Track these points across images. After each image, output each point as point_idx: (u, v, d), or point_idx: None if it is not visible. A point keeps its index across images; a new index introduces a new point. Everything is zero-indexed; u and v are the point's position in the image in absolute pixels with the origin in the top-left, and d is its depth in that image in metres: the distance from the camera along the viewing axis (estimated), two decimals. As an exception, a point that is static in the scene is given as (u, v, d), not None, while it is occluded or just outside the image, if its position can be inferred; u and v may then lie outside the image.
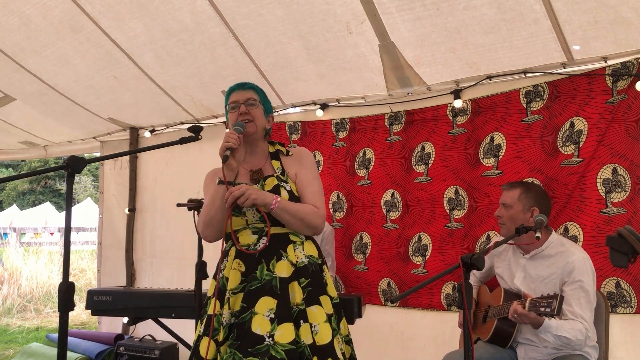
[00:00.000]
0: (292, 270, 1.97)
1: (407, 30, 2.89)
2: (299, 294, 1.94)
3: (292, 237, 2.03)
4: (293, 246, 2.02)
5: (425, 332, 3.37)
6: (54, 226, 17.51)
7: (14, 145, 5.92)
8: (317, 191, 2.10)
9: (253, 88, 2.15)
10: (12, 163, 26.55)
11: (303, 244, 2.05)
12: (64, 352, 1.58)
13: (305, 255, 2.02)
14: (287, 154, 2.16)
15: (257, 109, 2.11)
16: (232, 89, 2.15)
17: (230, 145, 1.92)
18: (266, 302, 1.90)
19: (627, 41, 2.62)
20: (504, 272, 2.62)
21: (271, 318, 1.88)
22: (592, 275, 2.35)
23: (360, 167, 3.71)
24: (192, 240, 2.89)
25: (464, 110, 3.29)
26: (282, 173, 2.09)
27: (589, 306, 2.30)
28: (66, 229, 1.66)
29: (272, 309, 1.89)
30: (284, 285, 1.93)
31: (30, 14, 3.27)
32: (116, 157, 4.49)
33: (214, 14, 3.08)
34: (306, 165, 2.13)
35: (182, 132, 4.35)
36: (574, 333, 2.22)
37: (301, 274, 1.98)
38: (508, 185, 2.58)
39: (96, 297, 3.45)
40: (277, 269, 1.95)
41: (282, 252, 1.98)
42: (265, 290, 1.92)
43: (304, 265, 2.00)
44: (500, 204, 2.55)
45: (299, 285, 1.96)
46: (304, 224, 2.01)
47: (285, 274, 1.95)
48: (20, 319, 7.38)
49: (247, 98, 2.10)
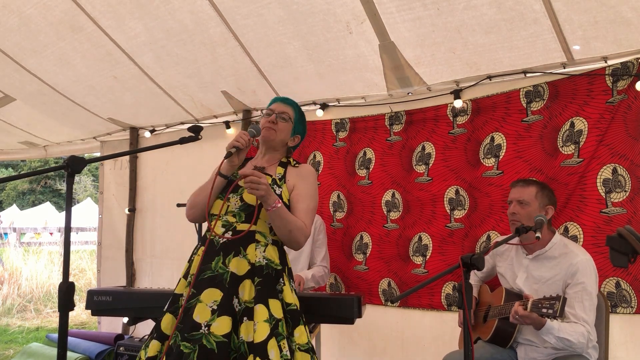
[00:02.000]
0: (248, 269, 2.00)
1: (407, 30, 2.89)
2: (249, 291, 1.98)
3: (258, 237, 2.06)
4: (255, 245, 2.05)
5: (425, 332, 3.37)
6: (54, 226, 17.51)
7: (14, 145, 5.92)
8: (310, 209, 2.15)
9: (292, 105, 2.30)
10: (12, 163, 26.52)
11: (266, 247, 2.07)
12: (64, 352, 1.58)
13: (265, 257, 2.04)
14: (294, 166, 2.24)
15: (286, 124, 2.23)
16: (276, 99, 2.32)
17: (237, 145, 2.03)
18: (212, 293, 1.96)
19: (627, 41, 2.62)
20: (506, 271, 2.61)
21: (213, 309, 1.93)
22: (595, 278, 2.34)
23: (361, 167, 3.71)
24: (192, 240, 2.89)
25: (464, 110, 3.29)
26: (280, 178, 2.15)
27: (591, 308, 2.29)
28: (66, 229, 1.66)
29: (217, 300, 1.94)
30: (234, 281, 1.98)
31: (30, 14, 3.27)
32: (116, 157, 4.49)
33: (214, 14, 3.08)
34: (307, 181, 2.20)
35: (182, 132, 4.35)
36: (576, 336, 2.21)
37: (256, 273, 2.01)
38: (522, 182, 2.53)
39: (96, 297, 3.45)
40: (231, 264, 2.00)
41: (241, 249, 2.02)
42: (215, 282, 1.97)
43: (261, 266, 2.02)
44: (515, 201, 2.48)
45: (251, 283, 1.99)
46: (290, 236, 2.07)
47: (238, 271, 1.99)
48: (20, 319, 7.38)
49: (283, 111, 2.24)
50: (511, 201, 2.51)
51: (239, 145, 2.03)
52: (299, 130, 2.31)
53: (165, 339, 1.98)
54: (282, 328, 1.97)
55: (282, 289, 2.06)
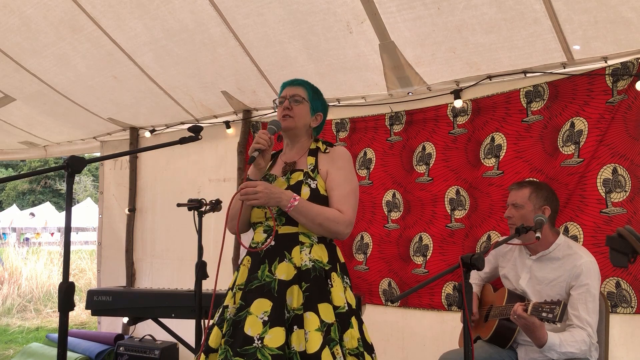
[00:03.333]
0: (294, 274, 1.92)
1: (407, 29, 2.89)
2: (297, 298, 1.89)
3: (302, 238, 1.97)
4: (300, 248, 1.95)
5: (425, 332, 3.37)
6: (54, 226, 17.51)
7: (14, 145, 5.91)
8: (346, 194, 2.02)
9: (302, 85, 2.15)
10: (12, 163, 26.52)
11: (312, 247, 1.97)
12: (64, 352, 1.58)
13: (311, 259, 1.94)
14: (325, 152, 2.13)
15: (301, 106, 2.10)
16: (284, 84, 2.18)
17: (259, 147, 1.95)
18: (262, 303, 1.88)
19: (627, 41, 2.61)
20: (509, 272, 2.60)
21: (264, 320, 1.85)
22: (598, 280, 2.33)
23: (362, 168, 3.71)
24: (192, 240, 2.89)
25: (464, 110, 3.29)
26: (312, 169, 2.05)
27: (595, 311, 2.28)
28: (66, 229, 1.66)
29: (267, 311, 1.86)
30: (282, 288, 1.89)
31: (30, 14, 3.27)
32: (116, 157, 4.49)
33: (214, 13, 3.08)
34: (339, 165, 2.07)
35: (182, 132, 4.35)
36: (577, 345, 2.19)
37: (303, 277, 1.91)
38: (517, 185, 2.54)
39: (96, 297, 3.45)
40: (278, 270, 1.92)
41: (286, 254, 1.94)
42: (263, 291, 1.90)
43: (307, 269, 1.93)
44: (510, 205, 2.50)
45: (299, 289, 1.90)
46: (323, 228, 1.96)
47: (285, 277, 1.91)
48: (20, 319, 7.38)
49: (293, 94, 2.11)
50: (508, 205, 2.52)
51: (260, 147, 1.94)
52: (318, 107, 2.17)
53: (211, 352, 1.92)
54: (334, 333, 1.88)
55: (331, 290, 1.95)
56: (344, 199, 2.01)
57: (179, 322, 3.44)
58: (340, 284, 1.99)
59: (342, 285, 2.00)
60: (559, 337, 2.20)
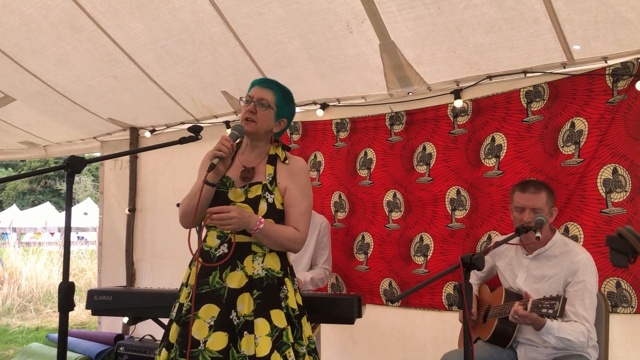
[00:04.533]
0: (246, 282, 1.97)
1: (407, 29, 2.88)
2: (248, 305, 1.95)
3: (254, 248, 2.02)
4: (252, 257, 2.00)
5: (426, 332, 3.37)
6: (54, 226, 17.51)
7: (14, 145, 5.91)
8: (304, 211, 2.10)
9: (272, 89, 2.12)
10: (12, 163, 26.52)
11: (265, 256, 2.02)
12: (64, 352, 1.58)
13: (264, 267, 2.00)
14: (284, 161, 2.14)
15: (266, 111, 2.08)
16: (254, 82, 2.16)
17: (220, 155, 1.95)
18: (210, 309, 1.93)
19: (628, 41, 2.61)
20: (505, 271, 2.61)
21: (210, 325, 1.91)
22: (595, 276, 2.34)
23: (362, 168, 3.71)
24: (192, 240, 2.89)
25: (464, 110, 3.29)
26: (271, 182, 2.07)
27: (592, 307, 2.30)
28: (66, 229, 1.66)
29: (214, 316, 1.92)
30: (232, 295, 1.95)
31: (30, 14, 3.27)
32: (116, 157, 4.48)
33: (214, 13, 3.08)
34: (298, 182, 2.11)
35: (182, 132, 4.34)
36: (575, 335, 2.21)
37: (254, 285, 1.97)
38: (533, 188, 2.43)
39: (96, 297, 3.45)
40: (228, 279, 1.97)
41: (238, 263, 1.99)
42: (212, 297, 1.95)
43: (260, 277, 1.98)
44: (529, 209, 2.39)
45: (250, 296, 1.96)
46: (282, 247, 2.06)
47: (236, 285, 1.96)
48: (20, 319, 7.38)
49: (261, 98, 2.09)
50: (524, 208, 2.40)
51: (222, 155, 1.94)
52: (284, 114, 2.15)
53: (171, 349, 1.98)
54: (286, 337, 1.94)
55: (287, 295, 2.02)
56: (301, 216, 2.08)
57: (179, 322, 3.43)
58: (292, 287, 2.07)
59: (293, 288, 2.07)
60: (558, 323, 2.22)
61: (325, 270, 3.32)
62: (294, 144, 3.96)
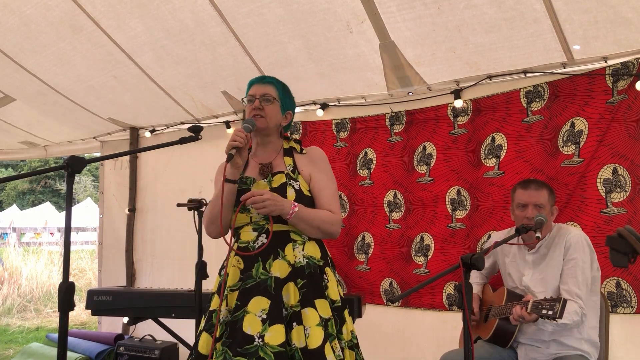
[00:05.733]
0: (289, 271, 1.93)
1: (407, 29, 2.88)
2: (294, 295, 1.90)
3: (293, 236, 1.99)
4: (293, 245, 1.97)
5: (426, 331, 3.37)
6: (54, 226, 17.51)
7: (14, 145, 5.91)
8: (333, 194, 2.08)
9: (272, 83, 2.12)
10: (12, 163, 26.52)
11: (304, 244, 1.99)
12: (64, 352, 1.58)
13: (305, 255, 1.97)
14: (301, 152, 2.13)
15: (272, 105, 2.07)
16: (252, 82, 2.15)
17: (236, 144, 1.90)
18: (259, 301, 1.87)
19: (628, 41, 2.61)
20: (510, 269, 2.61)
21: (263, 318, 1.85)
22: (588, 252, 2.36)
23: (362, 168, 3.71)
24: (192, 240, 2.89)
25: (464, 110, 3.29)
26: (292, 170, 2.05)
27: (585, 283, 2.32)
28: (66, 229, 1.66)
29: (265, 309, 1.86)
30: (278, 285, 1.90)
31: (30, 14, 3.27)
32: (116, 157, 4.49)
33: (214, 13, 3.08)
34: (321, 167, 2.10)
35: (182, 132, 4.34)
36: (570, 317, 2.22)
37: (298, 274, 1.93)
38: (535, 185, 2.47)
39: (96, 297, 3.46)
40: (273, 268, 1.92)
41: (279, 251, 1.95)
42: (259, 289, 1.89)
43: (301, 266, 1.95)
44: (531, 205, 2.41)
45: (295, 286, 1.92)
46: (320, 231, 2.00)
47: (281, 274, 1.92)
48: (20, 319, 7.38)
49: (264, 93, 2.08)
50: (526, 204, 2.42)
51: (237, 145, 1.90)
52: (288, 106, 2.15)
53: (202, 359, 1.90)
54: (331, 327, 1.91)
55: (327, 285, 1.98)
56: (332, 199, 2.07)
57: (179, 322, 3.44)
58: (334, 278, 2.03)
59: (335, 279, 2.04)
60: None
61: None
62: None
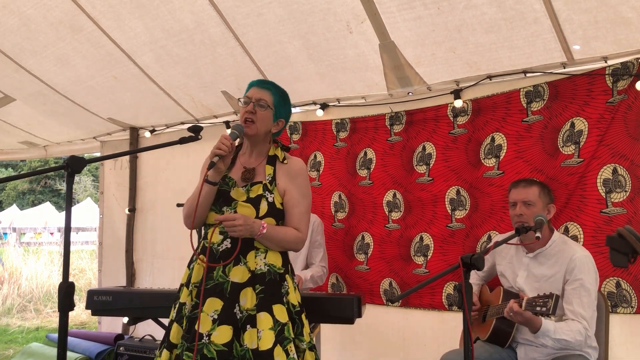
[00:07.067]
0: (249, 277, 2.01)
1: (407, 29, 2.89)
2: (251, 299, 1.99)
3: (257, 244, 2.06)
4: (255, 253, 2.05)
5: (426, 331, 3.37)
6: (54, 226, 17.51)
7: (14, 145, 5.92)
8: (304, 212, 2.15)
9: (270, 89, 2.16)
10: (12, 163, 26.52)
11: (267, 252, 2.07)
12: (64, 352, 1.58)
13: (266, 263, 2.05)
14: (283, 161, 2.18)
15: (265, 112, 2.12)
16: (252, 84, 2.19)
17: (220, 153, 1.99)
18: (213, 302, 1.98)
19: (628, 41, 2.61)
20: (506, 270, 2.61)
21: (214, 319, 1.95)
22: (594, 274, 2.34)
23: (362, 168, 3.71)
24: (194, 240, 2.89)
25: (464, 110, 3.29)
26: (270, 181, 2.12)
27: (590, 305, 2.29)
28: (66, 229, 1.66)
29: (217, 310, 1.96)
30: (235, 289, 1.99)
31: (30, 14, 3.27)
32: (116, 157, 4.49)
33: (214, 13, 3.08)
34: (297, 183, 2.15)
35: (182, 132, 4.34)
36: (572, 335, 2.21)
37: (257, 280, 2.02)
38: (524, 182, 2.51)
39: (96, 297, 3.45)
40: (231, 273, 2.01)
41: (241, 258, 2.03)
42: (216, 291, 1.99)
43: (262, 272, 2.03)
44: (520, 202, 2.44)
45: (253, 291, 2.00)
46: (283, 248, 2.12)
47: (239, 280, 2.00)
48: (20, 319, 7.38)
49: (259, 98, 2.13)
50: (515, 202, 2.47)
51: (221, 153, 1.98)
52: (282, 114, 2.19)
53: (174, 348, 2.02)
54: (288, 332, 1.98)
55: (288, 291, 2.07)
56: (302, 217, 2.14)
57: (179, 322, 3.43)
58: (292, 284, 2.12)
59: (294, 285, 2.12)
60: (554, 324, 2.22)
61: (322, 268, 3.32)
62: (294, 144, 3.96)
